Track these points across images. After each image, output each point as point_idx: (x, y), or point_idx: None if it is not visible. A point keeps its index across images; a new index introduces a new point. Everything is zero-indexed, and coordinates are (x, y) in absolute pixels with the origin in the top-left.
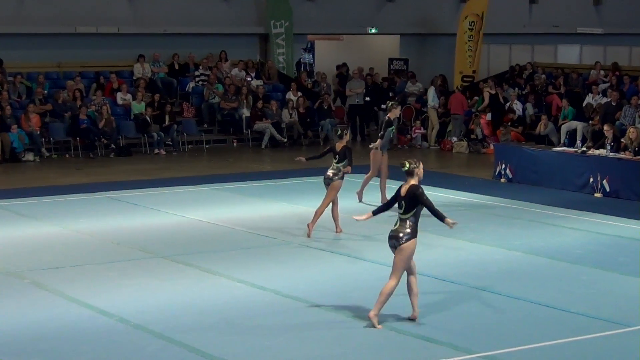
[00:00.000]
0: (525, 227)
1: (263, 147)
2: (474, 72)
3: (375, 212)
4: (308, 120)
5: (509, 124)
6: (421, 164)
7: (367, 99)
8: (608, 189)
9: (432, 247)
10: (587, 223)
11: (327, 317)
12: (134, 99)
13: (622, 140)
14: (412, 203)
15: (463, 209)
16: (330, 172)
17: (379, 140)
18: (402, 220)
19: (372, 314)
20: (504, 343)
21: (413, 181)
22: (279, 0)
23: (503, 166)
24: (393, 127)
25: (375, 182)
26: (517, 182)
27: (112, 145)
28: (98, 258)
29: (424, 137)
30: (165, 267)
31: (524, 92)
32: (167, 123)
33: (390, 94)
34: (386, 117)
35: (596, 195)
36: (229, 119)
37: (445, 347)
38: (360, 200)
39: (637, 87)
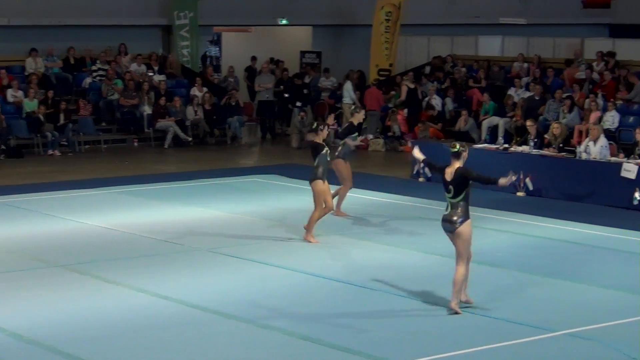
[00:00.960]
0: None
1: (166, 146)
2: (390, 65)
3: (426, 162)
4: (215, 117)
5: (428, 120)
6: (468, 148)
7: (287, 95)
8: (531, 188)
9: (346, 252)
10: (509, 224)
11: (237, 327)
12: (26, 96)
13: (545, 136)
14: (461, 186)
15: (380, 210)
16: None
17: (340, 148)
18: (454, 205)
19: (453, 304)
20: (421, 351)
21: (458, 164)
22: None
23: (421, 165)
24: (356, 133)
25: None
26: (436, 181)
27: (2, 146)
28: None
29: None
30: (61, 277)
31: (443, 87)
32: (62, 122)
33: (305, 91)
34: (349, 122)
35: (519, 194)
36: (129, 117)
37: (361, 357)
38: (341, 214)
39: (561, 80)
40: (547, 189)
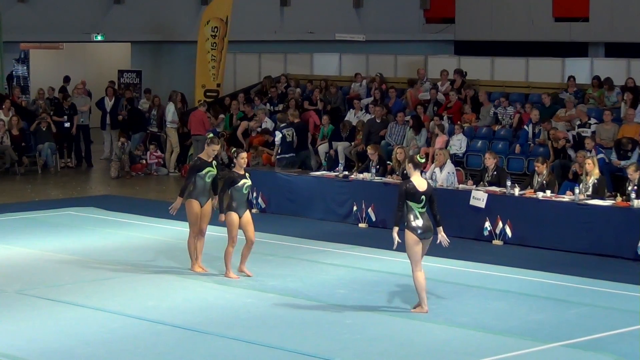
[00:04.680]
0: (280, 265)
1: None
2: (218, 85)
3: (398, 224)
4: (23, 144)
5: (263, 145)
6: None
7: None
8: (374, 219)
9: (174, 292)
10: (351, 258)
11: None
12: None
13: (388, 162)
14: (428, 198)
15: (208, 245)
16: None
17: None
18: (422, 214)
19: (426, 309)
20: None
21: (419, 174)
22: None
23: (255, 194)
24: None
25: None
26: (271, 212)
27: None
28: None
29: (162, 163)
30: None
31: (276, 109)
32: None
33: (122, 112)
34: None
35: (361, 225)
36: None
37: None
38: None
39: (404, 101)
40: (391, 220)
